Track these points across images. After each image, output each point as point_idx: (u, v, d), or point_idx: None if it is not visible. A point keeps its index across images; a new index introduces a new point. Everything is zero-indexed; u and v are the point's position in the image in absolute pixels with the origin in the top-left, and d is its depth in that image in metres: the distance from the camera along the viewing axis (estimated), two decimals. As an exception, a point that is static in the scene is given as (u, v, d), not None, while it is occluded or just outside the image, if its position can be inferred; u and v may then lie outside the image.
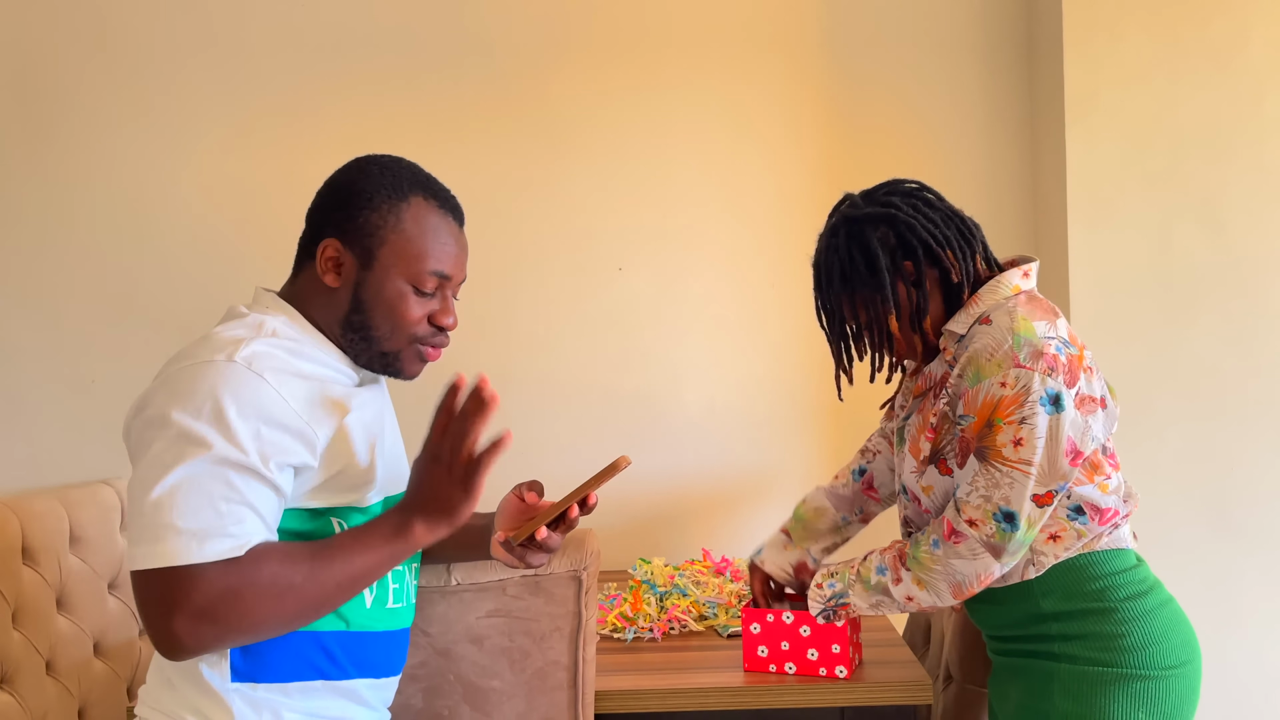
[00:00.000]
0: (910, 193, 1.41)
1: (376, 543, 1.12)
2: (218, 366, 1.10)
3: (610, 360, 2.32)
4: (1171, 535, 2.05)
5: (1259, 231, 2.08)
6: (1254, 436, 2.09)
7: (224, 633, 1.06)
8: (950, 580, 1.35)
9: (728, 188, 2.31)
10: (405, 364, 1.27)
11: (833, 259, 1.40)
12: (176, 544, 1.04)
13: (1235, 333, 2.09)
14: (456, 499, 1.10)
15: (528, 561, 1.25)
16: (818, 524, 1.64)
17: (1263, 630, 2.10)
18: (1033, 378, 1.26)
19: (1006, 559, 1.32)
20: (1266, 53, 2.07)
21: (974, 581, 1.34)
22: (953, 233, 1.39)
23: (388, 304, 1.23)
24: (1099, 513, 1.34)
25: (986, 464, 1.29)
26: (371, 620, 1.23)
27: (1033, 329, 1.28)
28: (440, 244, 1.25)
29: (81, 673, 1.78)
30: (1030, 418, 1.26)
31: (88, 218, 2.30)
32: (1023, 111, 2.30)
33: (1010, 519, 1.29)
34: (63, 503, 1.86)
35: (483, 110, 2.30)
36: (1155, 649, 1.32)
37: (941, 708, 1.69)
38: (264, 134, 2.30)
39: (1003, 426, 1.27)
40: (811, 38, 2.30)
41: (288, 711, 1.17)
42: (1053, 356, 1.26)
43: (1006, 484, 1.28)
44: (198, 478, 1.06)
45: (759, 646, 1.59)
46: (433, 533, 1.12)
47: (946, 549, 1.34)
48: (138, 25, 2.29)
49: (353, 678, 1.21)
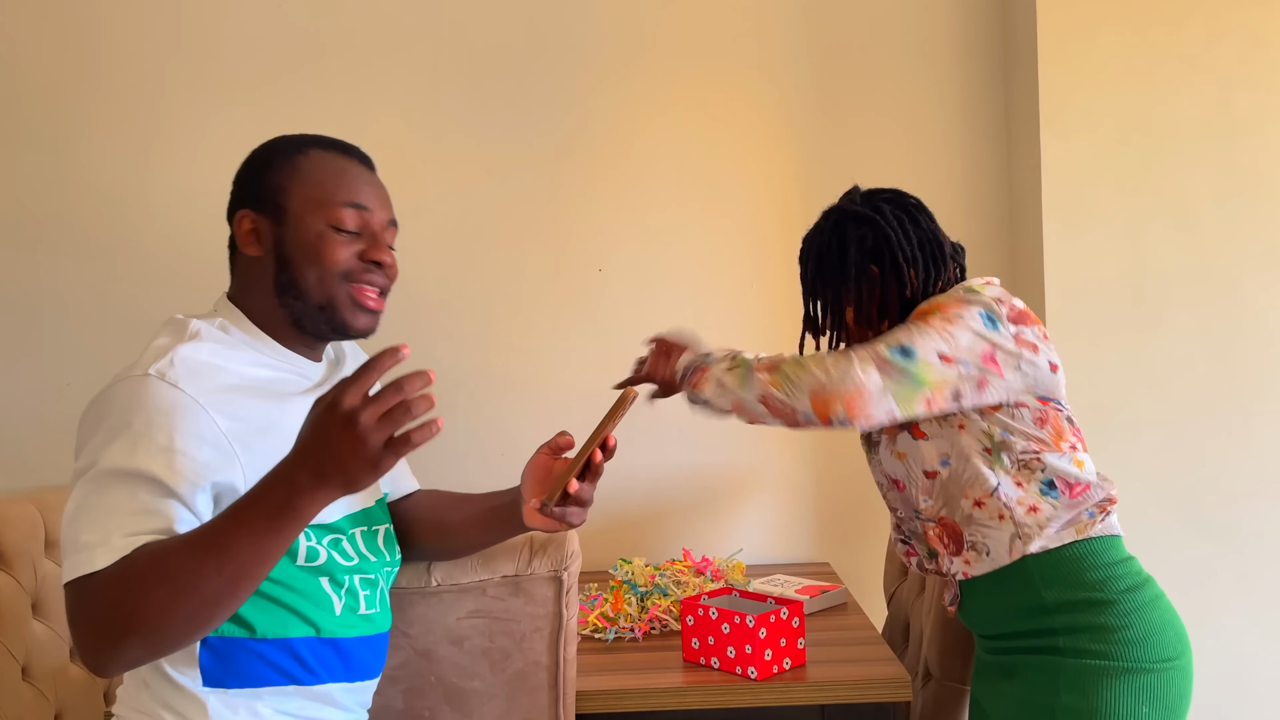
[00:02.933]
0: (903, 206, 1.53)
1: (255, 520, 0.97)
2: (133, 383, 1.10)
3: (590, 361, 2.32)
4: (1146, 533, 2.08)
5: (1230, 232, 2.11)
6: (1227, 435, 2.12)
7: (123, 639, 0.99)
8: (817, 381, 1.33)
9: (707, 188, 2.32)
10: (344, 311, 1.22)
11: (815, 239, 1.55)
12: (77, 559, 1.02)
13: (1207, 332, 2.11)
14: (358, 459, 0.93)
15: (569, 521, 1.22)
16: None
17: (1236, 627, 2.13)
18: (979, 297, 1.41)
19: (884, 382, 1.32)
20: (1237, 56, 2.09)
21: (844, 386, 1.31)
22: (924, 255, 1.50)
23: (310, 249, 1.21)
24: (1069, 487, 1.38)
25: (909, 325, 1.39)
26: (342, 626, 1.22)
27: (980, 288, 1.44)
28: (348, 180, 1.24)
29: (58, 678, 1.76)
30: (965, 315, 1.38)
31: (61, 220, 2.28)
32: (998, 114, 2.32)
33: (906, 352, 1.35)
34: (38, 506, 1.84)
35: (461, 112, 2.30)
36: (1153, 642, 1.34)
37: (921, 705, 1.70)
38: (239, 137, 2.27)
39: (937, 314, 1.39)
40: (789, 40, 2.31)
41: (263, 707, 1.17)
42: (999, 300, 1.41)
43: (918, 333, 1.37)
44: (103, 493, 1.04)
45: (693, 638, 1.62)
46: (320, 495, 0.96)
47: (833, 354, 1.37)
48: (111, 27, 2.27)
49: (325, 682, 1.21)
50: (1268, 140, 2.10)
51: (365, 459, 0.93)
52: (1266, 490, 2.12)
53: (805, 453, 2.33)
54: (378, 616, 1.28)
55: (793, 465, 2.32)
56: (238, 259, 1.27)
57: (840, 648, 1.70)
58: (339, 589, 1.21)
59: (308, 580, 1.19)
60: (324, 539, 1.21)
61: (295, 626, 1.18)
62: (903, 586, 1.97)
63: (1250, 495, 2.12)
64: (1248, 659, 2.13)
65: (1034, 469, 1.38)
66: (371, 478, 0.95)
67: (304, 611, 1.18)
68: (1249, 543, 2.12)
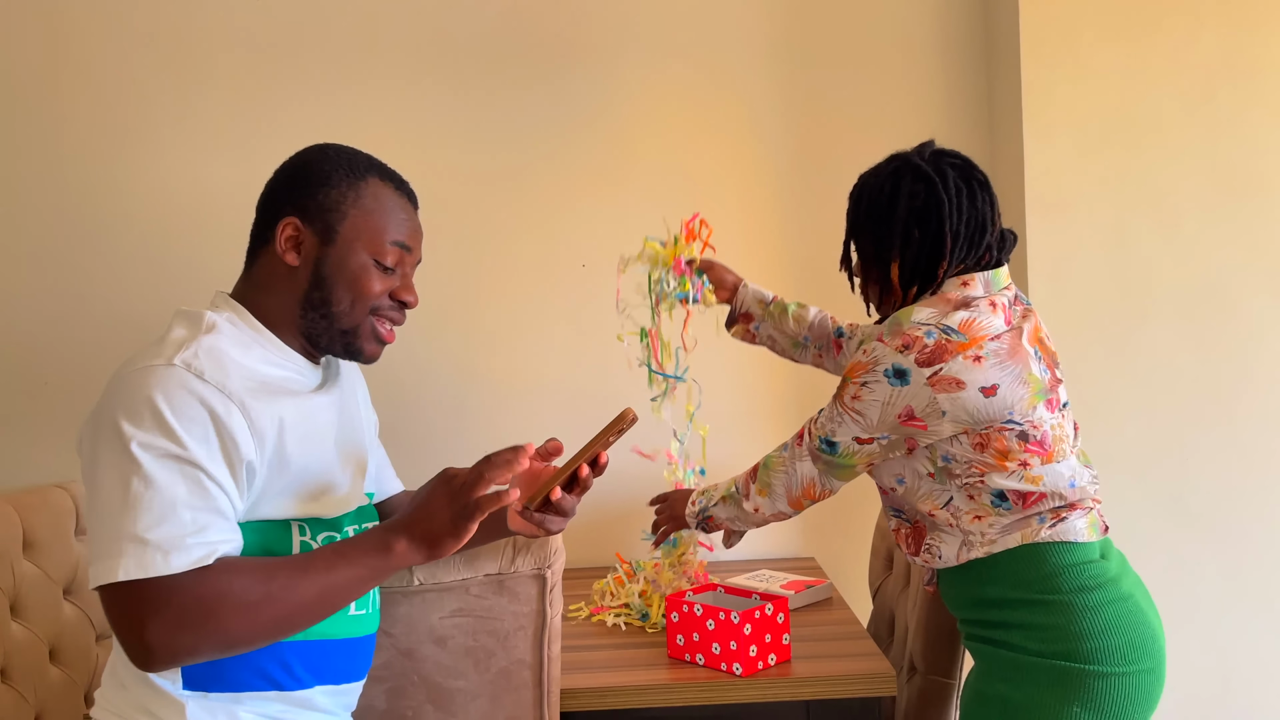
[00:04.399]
0: (968, 177, 1.45)
1: (356, 556, 1.10)
2: (157, 371, 1.09)
3: (574, 357, 2.31)
4: (1130, 527, 2.08)
5: (1212, 227, 2.12)
6: (1209, 428, 2.13)
7: (197, 643, 1.04)
8: (787, 483, 1.49)
9: (690, 183, 2.31)
10: (364, 341, 1.26)
11: (870, 181, 1.51)
12: (142, 556, 1.02)
13: (1189, 327, 2.13)
14: (446, 530, 1.09)
15: (546, 527, 1.24)
16: (791, 324, 1.80)
17: (1220, 619, 2.14)
18: (885, 352, 1.38)
19: (824, 470, 1.47)
20: (1217, 51, 2.10)
21: (804, 484, 1.48)
22: (969, 232, 1.43)
23: (350, 277, 1.23)
24: (1022, 497, 1.38)
25: (834, 400, 1.45)
26: (331, 628, 1.21)
27: (910, 314, 1.40)
28: (399, 219, 1.26)
29: (37, 680, 1.75)
30: (870, 384, 1.38)
31: (38, 218, 2.25)
32: (982, 111, 2.32)
33: (830, 445, 1.44)
34: (15, 507, 1.82)
35: (444, 108, 2.28)
36: (1098, 643, 1.34)
37: (906, 699, 1.71)
38: (218, 134, 2.26)
39: (849, 384, 1.41)
40: (773, 38, 2.31)
41: (243, 712, 1.16)
42: (913, 337, 1.36)
43: (837, 420, 1.43)
44: (153, 485, 1.04)
45: (678, 635, 1.62)
46: (412, 556, 1.10)
47: (792, 450, 1.50)
48: (88, 21, 2.24)
49: (310, 687, 1.20)
50: (1249, 136, 2.11)
51: (455, 532, 1.10)
52: (1249, 483, 2.13)
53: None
54: (367, 617, 1.27)
55: (777, 461, 2.32)
56: (264, 258, 1.25)
57: (825, 643, 1.70)
58: None
59: None
60: (319, 535, 1.21)
61: None
62: (888, 581, 1.97)
63: (1233, 488, 2.13)
64: (1229, 651, 2.15)
65: (979, 489, 1.39)
66: (455, 545, 1.11)
67: None
68: (1232, 536, 2.14)
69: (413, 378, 2.28)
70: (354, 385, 1.41)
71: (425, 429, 2.29)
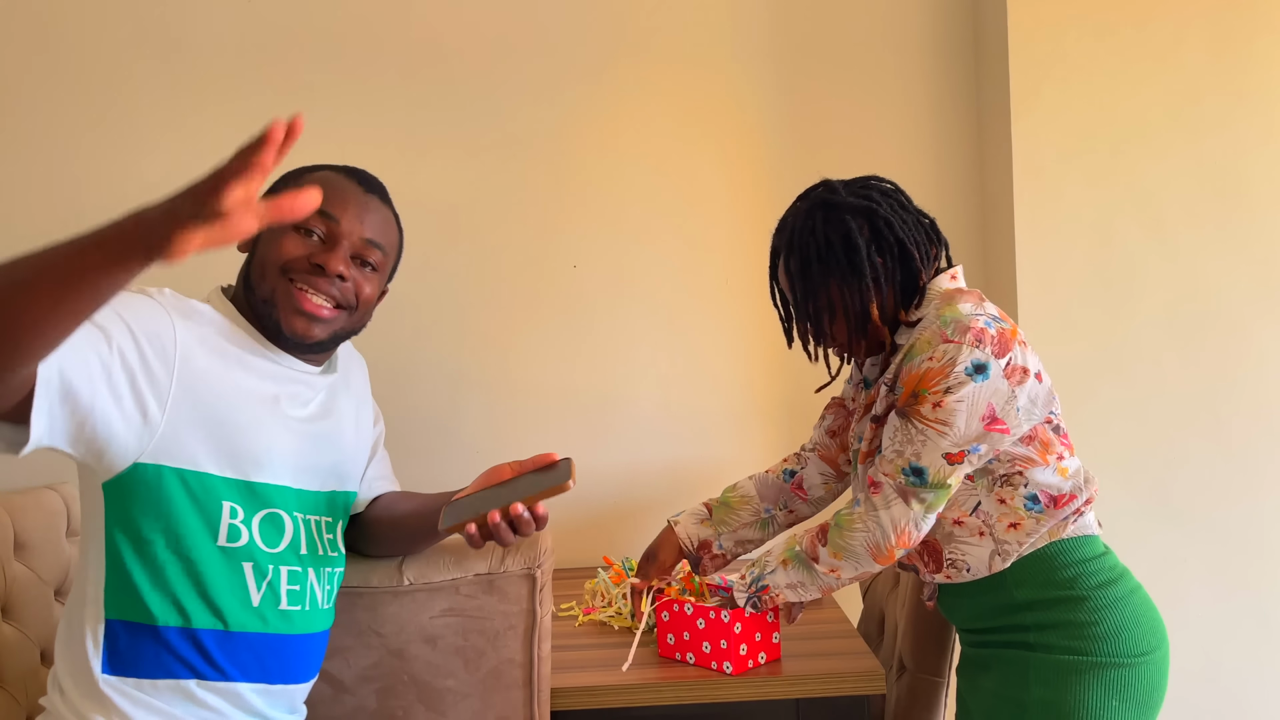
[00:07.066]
0: (887, 192, 1.45)
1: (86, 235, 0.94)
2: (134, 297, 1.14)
3: (564, 357, 2.31)
4: (1115, 524, 2.10)
5: (1196, 226, 2.13)
6: (1194, 426, 2.14)
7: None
8: (870, 539, 1.37)
9: (680, 184, 2.32)
10: (281, 309, 1.23)
11: (809, 241, 1.42)
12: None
13: (1175, 326, 2.14)
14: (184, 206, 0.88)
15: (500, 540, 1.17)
16: (740, 511, 1.65)
17: (1205, 615, 2.16)
18: (960, 350, 1.29)
19: (918, 507, 1.34)
20: (1203, 52, 2.12)
21: (892, 534, 1.36)
22: (921, 237, 1.43)
23: (270, 242, 1.24)
24: (1054, 500, 1.36)
25: (906, 420, 1.33)
26: (255, 621, 1.19)
27: (957, 310, 1.33)
28: (329, 191, 1.26)
29: (28, 681, 1.75)
30: (955, 387, 1.29)
31: (29, 222, 2.25)
32: (970, 107, 2.33)
33: (918, 473, 1.33)
34: (6, 509, 1.82)
35: (435, 111, 2.29)
36: (1126, 636, 1.35)
37: (895, 697, 1.72)
38: (212, 139, 2.26)
39: (927, 396, 1.31)
40: (762, 37, 2.32)
41: (161, 702, 1.16)
42: (980, 329, 1.30)
43: (920, 440, 1.32)
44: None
45: (668, 634, 1.62)
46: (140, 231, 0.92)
47: (867, 503, 1.38)
48: (82, 26, 2.24)
49: (234, 680, 1.18)
50: (1233, 134, 2.13)
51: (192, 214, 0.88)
52: (1234, 478, 2.14)
53: (779, 448, 2.33)
54: (301, 616, 1.24)
55: (767, 461, 2.32)
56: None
57: (815, 641, 1.71)
58: (260, 579, 1.20)
59: (226, 563, 1.18)
60: (254, 516, 1.20)
61: (200, 617, 1.16)
62: (878, 580, 1.98)
63: (1218, 483, 2.15)
64: (1215, 647, 2.16)
65: (1016, 485, 1.36)
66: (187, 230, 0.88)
67: (215, 599, 1.17)
68: (1217, 531, 2.15)
69: (405, 379, 2.29)
70: (356, 401, 1.42)
71: (418, 430, 2.29)
